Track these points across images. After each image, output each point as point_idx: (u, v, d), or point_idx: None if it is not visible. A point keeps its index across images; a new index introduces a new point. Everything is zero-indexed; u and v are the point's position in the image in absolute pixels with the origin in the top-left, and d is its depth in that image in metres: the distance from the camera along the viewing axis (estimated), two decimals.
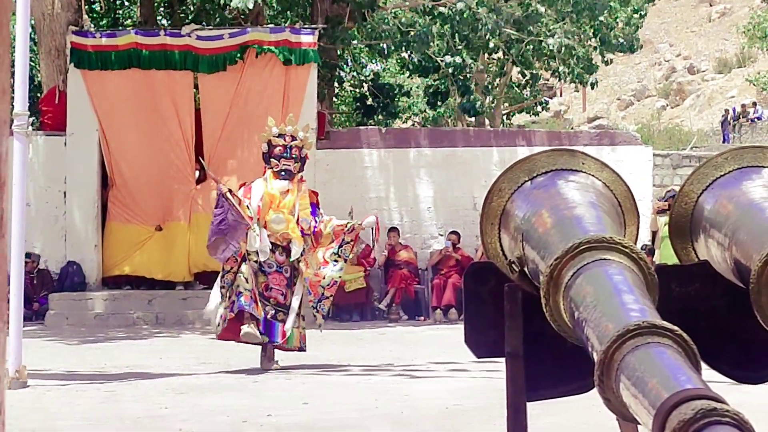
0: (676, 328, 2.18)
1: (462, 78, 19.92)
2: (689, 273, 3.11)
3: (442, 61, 19.38)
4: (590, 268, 2.54)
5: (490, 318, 3.09)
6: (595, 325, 2.33)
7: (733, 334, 3.06)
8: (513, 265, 2.98)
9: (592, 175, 3.19)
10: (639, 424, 2.17)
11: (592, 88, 23.75)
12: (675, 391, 1.96)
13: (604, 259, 2.56)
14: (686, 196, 3.21)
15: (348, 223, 11.16)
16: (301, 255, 10.89)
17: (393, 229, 17.93)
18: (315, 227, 10.95)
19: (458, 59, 19.42)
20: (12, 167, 9.60)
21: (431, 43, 19.15)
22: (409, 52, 19.80)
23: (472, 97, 21.02)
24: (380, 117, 23.85)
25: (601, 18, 20.93)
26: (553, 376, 3.08)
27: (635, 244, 2.85)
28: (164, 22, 23.93)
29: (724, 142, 33.31)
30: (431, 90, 21.72)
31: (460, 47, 19.66)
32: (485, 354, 3.19)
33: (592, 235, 2.63)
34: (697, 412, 1.88)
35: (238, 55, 17.59)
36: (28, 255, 16.87)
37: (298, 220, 10.88)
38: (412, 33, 18.82)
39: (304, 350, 11.11)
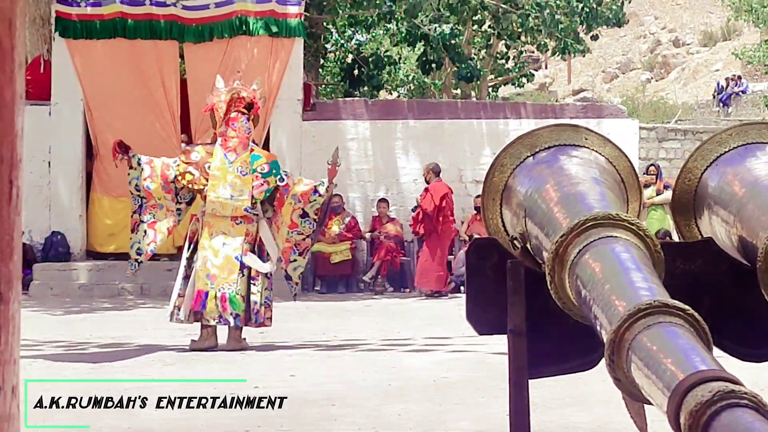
0: (687, 307, 2.16)
1: (452, 44, 19.78)
2: (693, 250, 3.08)
3: (429, 29, 19.25)
4: (596, 246, 2.51)
5: (492, 295, 3.05)
6: (603, 303, 2.30)
7: (737, 311, 3.04)
8: (515, 242, 2.95)
9: (595, 151, 3.16)
10: (649, 404, 2.14)
11: (584, 55, 23.64)
12: (690, 372, 1.93)
13: (611, 236, 2.53)
14: (690, 172, 3.18)
15: (316, 184, 10.49)
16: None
17: (383, 200, 17.88)
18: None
19: (446, 28, 19.28)
20: None
21: (419, 14, 19.02)
22: (395, 23, 19.67)
23: (470, 62, 20.83)
24: (366, 88, 23.73)
25: None
26: (555, 353, 3.05)
27: (638, 219, 2.82)
28: None
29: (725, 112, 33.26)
30: (423, 59, 21.54)
31: (447, 15, 19.52)
32: (488, 331, 3.15)
33: (598, 212, 2.60)
34: (715, 394, 1.84)
35: (227, 32, 17.47)
36: None
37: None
38: (403, 4, 18.67)
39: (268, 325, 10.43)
